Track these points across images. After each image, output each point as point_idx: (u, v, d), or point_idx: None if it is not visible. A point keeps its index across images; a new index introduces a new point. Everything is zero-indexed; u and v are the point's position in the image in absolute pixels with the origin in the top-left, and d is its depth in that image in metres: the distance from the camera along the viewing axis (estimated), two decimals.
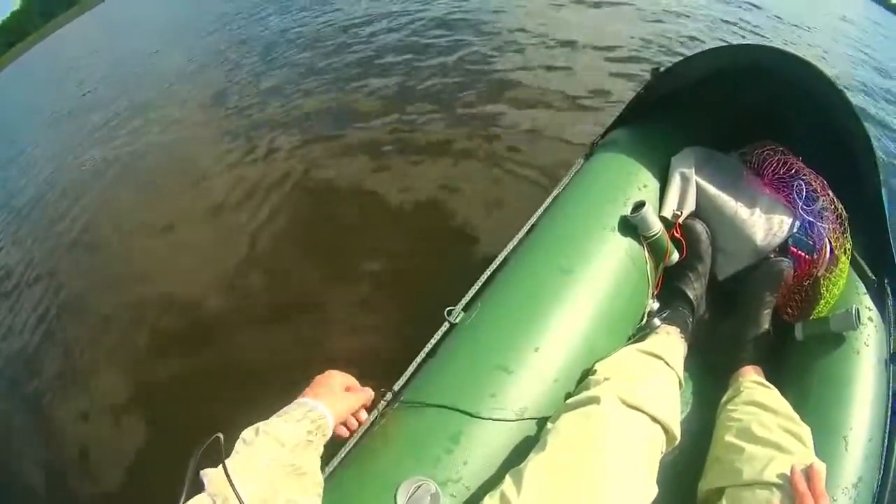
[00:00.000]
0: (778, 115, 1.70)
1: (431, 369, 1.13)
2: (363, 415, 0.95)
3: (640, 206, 1.36)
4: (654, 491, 0.92)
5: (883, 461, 1.12)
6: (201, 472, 0.63)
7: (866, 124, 1.38)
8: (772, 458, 0.96)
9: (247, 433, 0.72)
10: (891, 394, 1.21)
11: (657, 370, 1.16)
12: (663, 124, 1.72)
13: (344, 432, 0.92)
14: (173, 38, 9.64)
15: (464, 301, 1.27)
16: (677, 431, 1.04)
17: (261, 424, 0.74)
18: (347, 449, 0.99)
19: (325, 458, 0.90)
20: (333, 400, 0.84)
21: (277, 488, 0.66)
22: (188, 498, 0.59)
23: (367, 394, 0.94)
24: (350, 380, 0.92)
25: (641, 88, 1.70)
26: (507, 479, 0.86)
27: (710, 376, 1.39)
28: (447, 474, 0.93)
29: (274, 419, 0.77)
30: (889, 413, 1.18)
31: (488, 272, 1.33)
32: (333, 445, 0.94)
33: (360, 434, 0.99)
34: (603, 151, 1.64)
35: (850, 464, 1.09)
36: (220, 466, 0.63)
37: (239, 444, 0.70)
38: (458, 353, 1.14)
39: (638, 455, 0.94)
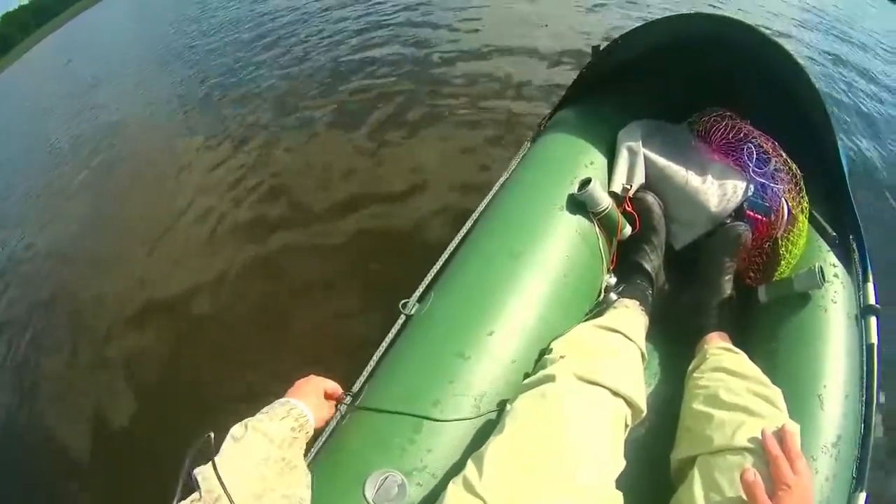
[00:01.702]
0: (726, 83, 1.67)
1: (390, 363, 1.14)
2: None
3: (586, 182, 1.32)
4: (620, 464, 0.90)
5: (863, 416, 1.07)
6: (195, 470, 0.65)
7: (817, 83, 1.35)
8: (742, 423, 0.90)
9: (236, 429, 0.75)
10: (865, 348, 1.16)
11: (615, 344, 1.11)
12: (610, 101, 1.69)
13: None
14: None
15: (417, 293, 1.26)
16: (642, 404, 1.01)
17: (248, 420, 0.77)
18: (315, 449, 1.01)
19: None
20: (314, 402, 0.90)
21: (271, 484, 0.69)
22: (182, 497, 0.62)
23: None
24: (330, 384, 0.98)
25: (584, 67, 1.67)
26: (469, 463, 0.84)
27: (675, 347, 1.34)
28: (412, 464, 0.94)
29: (259, 416, 0.80)
30: (865, 367, 1.13)
31: (440, 262, 1.32)
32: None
33: (325, 434, 1.02)
34: (549, 133, 1.61)
35: (828, 422, 1.03)
36: (211, 464, 0.65)
37: (228, 441, 0.73)
38: (415, 344, 1.15)
39: (599, 430, 0.91)
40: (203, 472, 0.64)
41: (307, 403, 0.87)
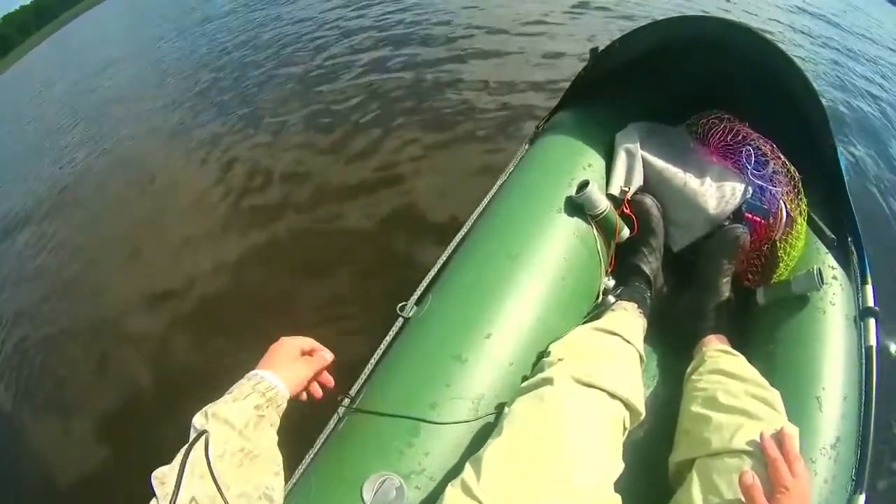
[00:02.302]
0: (725, 85, 1.67)
1: (388, 366, 1.13)
2: (328, 378, 0.91)
3: (584, 185, 1.32)
4: (619, 467, 0.90)
5: (861, 418, 1.06)
6: (153, 472, 0.60)
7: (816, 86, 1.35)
8: (740, 426, 0.90)
9: (197, 419, 0.68)
10: (864, 350, 1.15)
11: (613, 346, 1.11)
12: (608, 103, 1.69)
13: (316, 392, 0.89)
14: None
15: (415, 295, 1.25)
16: (640, 407, 1.01)
17: (209, 407, 0.69)
18: (313, 452, 1.01)
19: (292, 461, 0.95)
20: (286, 367, 0.80)
21: (225, 481, 0.61)
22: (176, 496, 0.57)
23: (326, 356, 0.88)
24: (306, 342, 0.87)
25: (582, 69, 1.67)
26: (467, 466, 0.83)
27: (674, 349, 1.34)
28: (410, 467, 0.93)
29: (223, 398, 0.72)
30: (864, 369, 1.13)
31: (438, 264, 1.31)
32: (299, 448, 1.00)
33: (323, 437, 1.02)
34: (547, 135, 1.60)
35: (826, 424, 1.03)
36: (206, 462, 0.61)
37: (191, 433, 0.66)
38: (412, 347, 1.14)
39: (597, 432, 0.91)
40: (160, 477, 0.59)
41: (278, 372, 0.77)
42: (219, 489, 0.59)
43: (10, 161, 7.06)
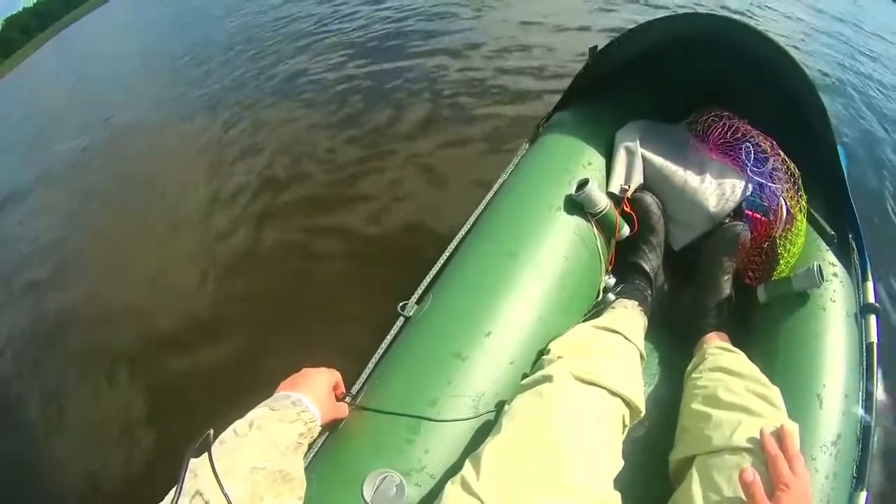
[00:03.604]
0: (725, 83, 1.67)
1: (388, 364, 1.12)
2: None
3: (584, 183, 1.32)
4: (618, 464, 0.90)
5: (862, 415, 1.06)
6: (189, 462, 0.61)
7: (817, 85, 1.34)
8: (740, 423, 0.90)
9: (240, 425, 0.70)
10: (865, 346, 1.15)
11: (614, 344, 1.11)
12: (608, 102, 1.69)
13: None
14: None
15: (416, 294, 1.25)
16: (641, 404, 1.01)
17: (255, 418, 0.72)
18: (314, 451, 0.99)
19: None
20: (324, 401, 0.86)
21: (259, 492, 0.64)
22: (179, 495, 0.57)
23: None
24: (336, 378, 0.95)
25: (581, 68, 1.67)
26: (467, 464, 0.83)
27: (674, 347, 1.34)
28: (410, 464, 0.93)
29: (267, 412, 0.75)
30: (865, 366, 1.12)
31: (439, 263, 1.31)
32: None
33: (324, 434, 1.01)
34: (547, 134, 1.60)
35: (827, 421, 1.03)
36: (207, 461, 0.61)
37: (229, 434, 0.68)
38: (413, 345, 1.14)
39: (597, 429, 0.91)
40: (196, 468, 0.60)
41: (317, 403, 0.83)
42: (219, 482, 0.59)
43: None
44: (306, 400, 0.81)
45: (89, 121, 6.80)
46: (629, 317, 1.24)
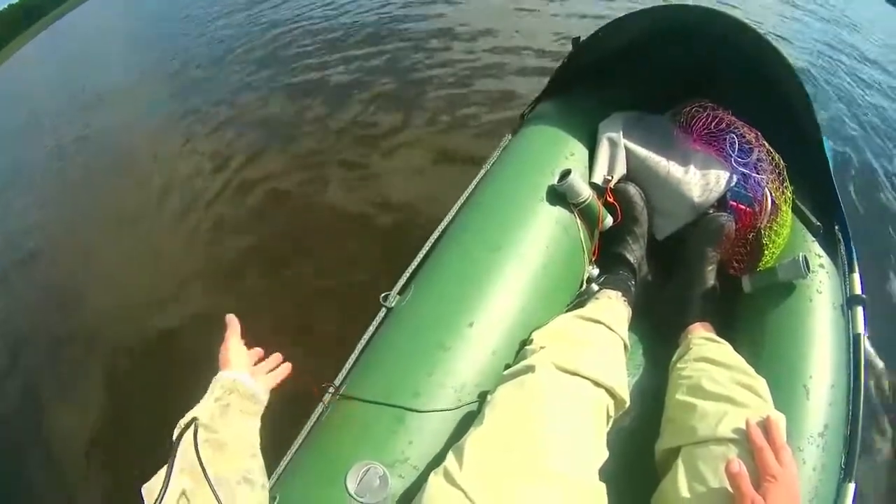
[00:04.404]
0: (709, 74, 1.66)
1: (371, 356, 1.13)
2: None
3: (566, 174, 1.31)
4: (603, 455, 0.89)
5: (850, 407, 1.05)
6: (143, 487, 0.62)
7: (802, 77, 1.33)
8: (725, 413, 0.88)
9: (176, 432, 0.68)
10: (852, 338, 1.14)
11: (597, 334, 1.10)
12: (592, 93, 1.68)
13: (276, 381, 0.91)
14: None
15: (398, 285, 1.25)
16: (625, 395, 1.00)
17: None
18: (297, 444, 1.01)
19: (277, 450, 0.98)
20: (238, 361, 0.83)
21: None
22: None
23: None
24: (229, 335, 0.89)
25: (564, 59, 1.65)
26: (450, 455, 0.83)
27: (659, 337, 1.32)
28: (394, 456, 0.93)
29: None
30: (852, 357, 1.11)
31: (421, 254, 1.31)
32: (284, 436, 1.01)
33: (308, 426, 1.03)
34: (530, 124, 1.58)
35: (814, 412, 1.01)
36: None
37: (175, 446, 0.66)
38: (395, 336, 1.14)
39: (580, 420, 0.90)
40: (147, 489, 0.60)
41: (234, 367, 0.81)
42: (205, 472, 0.61)
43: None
44: (222, 371, 0.80)
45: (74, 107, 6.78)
46: (613, 307, 1.23)
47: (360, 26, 5.33)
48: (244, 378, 0.79)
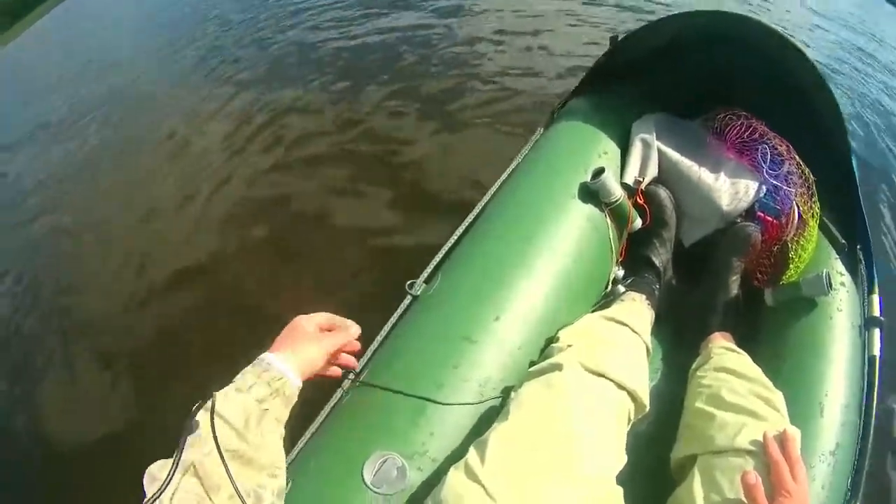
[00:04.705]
0: (744, 82, 1.65)
1: (394, 344, 1.11)
2: (349, 359, 0.89)
3: (599, 172, 1.30)
4: (622, 458, 0.89)
5: (861, 428, 1.06)
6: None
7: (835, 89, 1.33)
8: (744, 425, 0.89)
9: (200, 414, 0.60)
10: (867, 359, 1.15)
11: (622, 337, 1.10)
12: (624, 92, 1.66)
13: (336, 373, 0.88)
14: None
15: (425, 273, 1.24)
16: (645, 399, 1.00)
17: (217, 397, 0.63)
18: (314, 429, 0.99)
19: (294, 435, 0.92)
20: (301, 349, 0.74)
21: (217, 482, 0.56)
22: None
23: (351, 330, 0.85)
24: (324, 318, 0.83)
25: (601, 56, 1.64)
26: (472, 449, 0.82)
27: (679, 343, 1.33)
28: (413, 447, 0.91)
29: (227, 388, 0.66)
30: (866, 378, 1.12)
31: (449, 243, 1.30)
32: (301, 421, 0.95)
33: (326, 412, 1.01)
34: (563, 120, 1.57)
35: (827, 430, 1.03)
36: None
37: (193, 426, 0.59)
38: (420, 325, 1.12)
39: (604, 422, 0.90)
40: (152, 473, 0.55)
41: (287, 358, 0.71)
42: (223, 461, 0.56)
43: None
44: (271, 356, 0.70)
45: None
46: (637, 310, 1.23)
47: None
48: (292, 376, 0.70)
